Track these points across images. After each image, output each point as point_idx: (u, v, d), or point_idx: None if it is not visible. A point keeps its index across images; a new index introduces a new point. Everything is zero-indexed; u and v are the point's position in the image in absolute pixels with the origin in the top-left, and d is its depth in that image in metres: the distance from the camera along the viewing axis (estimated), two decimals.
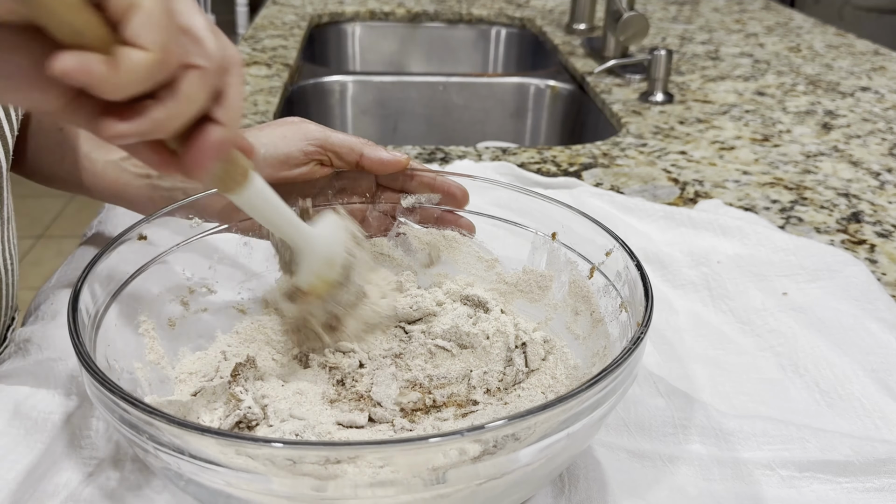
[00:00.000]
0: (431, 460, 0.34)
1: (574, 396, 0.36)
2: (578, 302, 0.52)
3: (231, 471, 0.34)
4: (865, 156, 0.97)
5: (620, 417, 0.50)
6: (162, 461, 0.36)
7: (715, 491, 0.46)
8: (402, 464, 0.34)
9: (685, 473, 0.47)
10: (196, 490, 0.37)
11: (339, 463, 0.34)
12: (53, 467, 0.45)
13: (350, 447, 0.35)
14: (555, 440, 0.36)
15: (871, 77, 1.30)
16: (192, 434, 0.34)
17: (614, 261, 0.49)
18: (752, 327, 0.61)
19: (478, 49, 1.73)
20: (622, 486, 0.46)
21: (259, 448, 0.35)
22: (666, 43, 1.49)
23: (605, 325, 0.48)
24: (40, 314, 0.58)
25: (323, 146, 0.53)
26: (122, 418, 0.36)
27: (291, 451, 0.34)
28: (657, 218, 0.76)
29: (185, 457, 0.35)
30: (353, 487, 0.34)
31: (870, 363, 0.57)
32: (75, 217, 2.75)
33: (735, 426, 0.50)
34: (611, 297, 0.49)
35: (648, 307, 0.42)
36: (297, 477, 0.34)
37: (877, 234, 0.77)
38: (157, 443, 0.35)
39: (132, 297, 0.48)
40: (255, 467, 0.34)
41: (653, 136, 1.02)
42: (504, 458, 0.35)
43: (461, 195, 0.56)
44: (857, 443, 0.48)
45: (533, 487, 0.43)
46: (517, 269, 0.56)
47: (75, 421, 0.48)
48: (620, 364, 0.38)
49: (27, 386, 0.50)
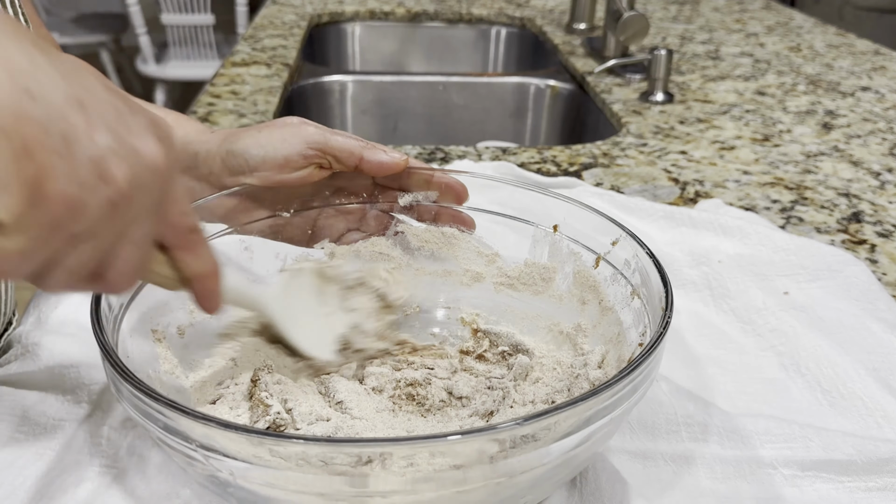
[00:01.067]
0: (456, 457, 0.34)
1: (606, 389, 0.36)
2: (585, 291, 0.52)
3: (279, 472, 0.34)
4: (866, 156, 0.97)
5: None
6: (211, 467, 0.36)
7: (718, 489, 0.46)
8: (427, 460, 0.34)
9: (688, 472, 0.47)
10: (244, 495, 0.37)
11: (370, 462, 0.34)
12: (66, 475, 0.45)
13: (381, 444, 0.35)
14: (582, 436, 0.37)
15: (872, 77, 1.30)
16: (250, 438, 0.34)
17: (621, 249, 0.49)
18: (753, 327, 0.61)
19: (478, 49, 1.73)
20: (627, 485, 0.46)
21: (295, 446, 0.34)
22: (666, 43, 1.49)
23: (616, 312, 0.49)
24: (42, 316, 0.58)
25: (322, 150, 0.53)
26: (166, 426, 0.36)
27: (326, 449, 0.34)
28: (658, 218, 0.76)
29: (238, 461, 0.34)
30: (391, 483, 0.35)
31: (871, 362, 0.57)
32: None
33: (738, 425, 0.50)
34: (620, 286, 0.49)
35: (668, 292, 0.43)
36: (333, 476, 0.34)
37: (877, 234, 0.77)
38: (209, 449, 0.35)
39: (143, 306, 0.48)
40: (300, 467, 0.34)
41: (653, 136, 1.02)
42: (530, 455, 0.36)
43: (461, 190, 0.56)
44: (860, 442, 0.48)
45: (554, 485, 0.43)
46: (519, 263, 0.56)
47: (87, 428, 0.48)
48: (654, 348, 0.38)
49: (36, 391, 0.50)
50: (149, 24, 3.22)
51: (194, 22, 3.27)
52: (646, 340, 0.43)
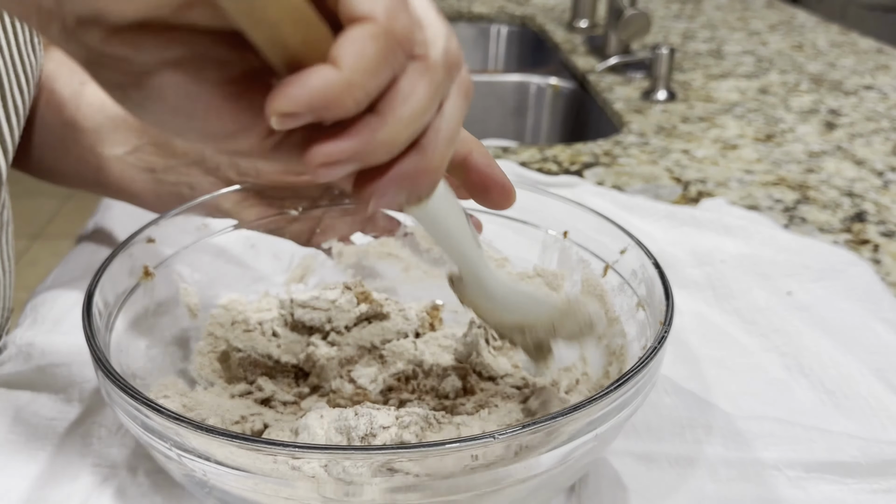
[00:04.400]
0: (456, 464, 0.34)
1: (602, 398, 0.35)
2: (592, 301, 0.52)
3: (257, 476, 0.34)
4: (869, 155, 0.96)
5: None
6: (187, 468, 0.35)
7: (721, 491, 0.46)
8: (427, 466, 0.34)
9: (691, 474, 0.47)
10: (221, 496, 0.37)
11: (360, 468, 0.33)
12: (59, 476, 0.44)
13: (374, 452, 0.35)
14: (582, 442, 0.36)
15: (875, 75, 1.30)
16: (219, 440, 0.33)
17: (629, 259, 0.49)
18: (756, 327, 0.61)
19: (478, 47, 1.72)
20: (629, 487, 0.45)
21: (285, 453, 0.34)
22: (668, 41, 1.48)
23: (621, 323, 0.48)
24: (39, 317, 0.57)
25: None
26: (144, 425, 0.35)
27: (296, 455, 0.34)
28: (660, 217, 0.75)
29: (211, 463, 0.34)
30: (379, 492, 0.34)
31: (875, 363, 0.56)
32: (71, 217, 2.75)
33: (741, 427, 0.49)
34: (626, 296, 0.48)
35: (669, 306, 0.42)
36: (322, 482, 0.34)
37: (881, 234, 0.76)
38: (182, 449, 0.35)
39: (141, 302, 0.47)
40: (283, 472, 0.33)
41: (655, 135, 1.02)
42: (528, 462, 0.35)
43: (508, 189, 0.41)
44: (865, 444, 0.47)
45: (552, 492, 0.42)
46: (527, 269, 0.55)
47: (79, 428, 0.47)
48: (646, 364, 0.38)
49: (28, 392, 0.49)
50: None
51: None
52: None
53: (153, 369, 0.46)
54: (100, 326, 0.42)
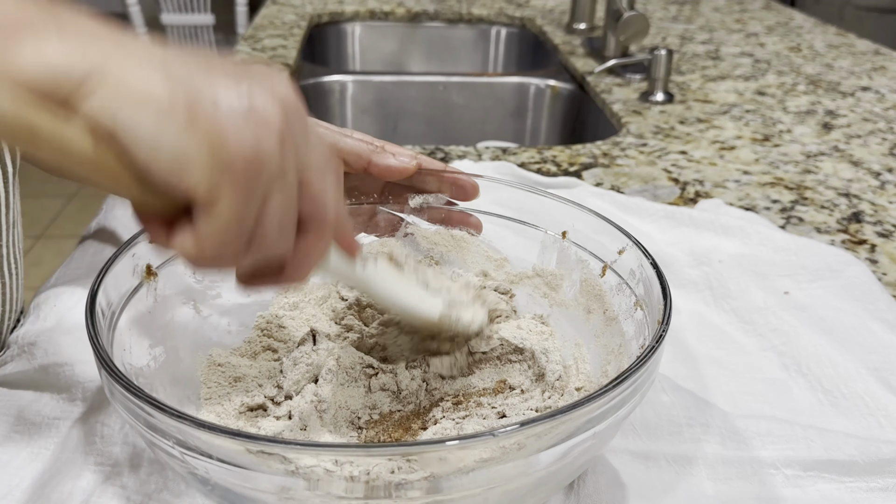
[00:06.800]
0: (454, 462, 0.34)
1: (599, 397, 0.35)
2: (591, 300, 0.52)
3: (259, 473, 0.34)
4: (866, 156, 0.97)
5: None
6: (189, 466, 0.36)
7: (719, 490, 0.46)
8: (427, 464, 0.34)
9: (689, 472, 0.47)
10: (223, 493, 0.37)
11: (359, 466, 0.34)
12: (62, 474, 0.45)
13: (373, 449, 0.35)
14: (580, 440, 0.36)
15: (872, 77, 1.30)
16: (220, 437, 0.34)
17: (627, 259, 0.49)
18: (754, 327, 0.61)
19: (478, 49, 1.73)
20: (628, 486, 0.45)
21: (287, 451, 0.34)
22: (666, 42, 1.49)
23: (619, 323, 0.48)
24: (42, 316, 0.57)
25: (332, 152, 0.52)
26: (147, 423, 0.36)
27: (293, 452, 0.34)
28: (658, 218, 0.76)
29: (213, 460, 0.34)
30: (381, 489, 0.34)
31: (872, 362, 0.57)
32: (74, 217, 2.75)
33: (739, 426, 0.50)
34: (624, 296, 0.49)
35: (667, 305, 0.42)
36: (324, 480, 0.34)
37: (877, 234, 0.77)
38: (185, 447, 0.35)
39: (144, 301, 0.48)
40: (285, 470, 0.34)
41: (653, 136, 1.02)
42: (527, 460, 0.35)
43: (471, 188, 0.55)
44: (862, 443, 0.48)
45: (551, 490, 0.43)
46: (527, 269, 0.56)
47: (82, 426, 0.48)
48: (644, 362, 0.38)
49: (31, 391, 0.50)
50: (149, 24, 3.22)
51: (194, 22, 3.27)
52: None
53: (156, 368, 0.46)
54: (103, 326, 0.42)
